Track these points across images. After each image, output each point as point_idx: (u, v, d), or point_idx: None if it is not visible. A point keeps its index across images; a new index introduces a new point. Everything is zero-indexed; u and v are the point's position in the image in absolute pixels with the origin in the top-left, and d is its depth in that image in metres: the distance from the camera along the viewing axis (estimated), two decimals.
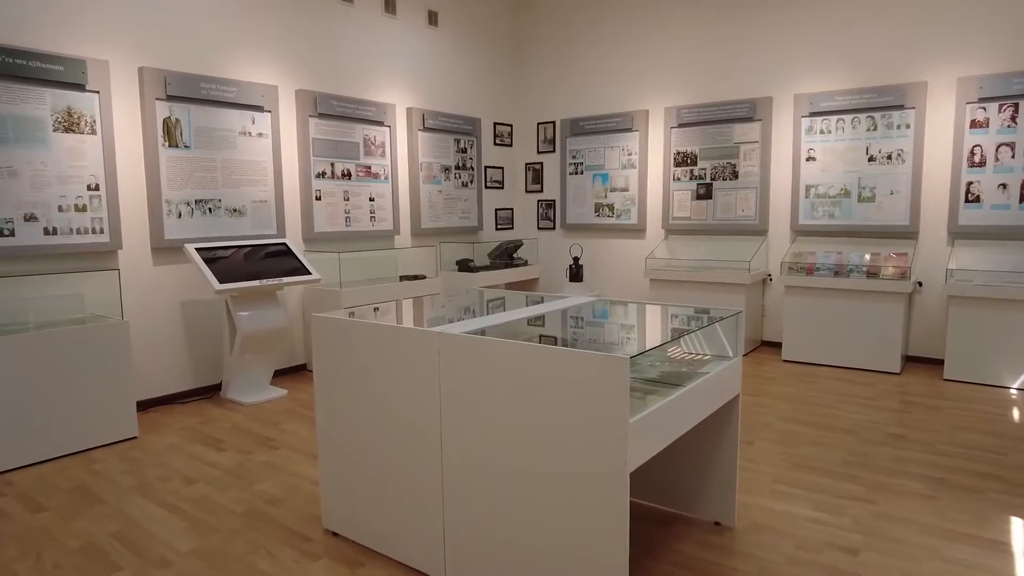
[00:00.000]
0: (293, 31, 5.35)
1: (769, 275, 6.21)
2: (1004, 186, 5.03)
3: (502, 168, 7.53)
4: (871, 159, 5.58)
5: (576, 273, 7.01)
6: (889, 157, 5.50)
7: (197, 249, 4.55)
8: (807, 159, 5.87)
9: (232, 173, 4.97)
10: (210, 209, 4.86)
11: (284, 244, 5.04)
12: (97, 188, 4.26)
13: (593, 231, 7.26)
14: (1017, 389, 4.72)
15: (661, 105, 6.69)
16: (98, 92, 4.20)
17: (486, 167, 7.29)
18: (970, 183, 5.16)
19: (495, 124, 7.37)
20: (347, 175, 5.77)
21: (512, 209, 7.74)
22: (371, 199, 5.98)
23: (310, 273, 4.90)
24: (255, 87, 5.04)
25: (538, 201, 7.63)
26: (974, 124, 5.11)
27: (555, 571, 2.04)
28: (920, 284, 5.47)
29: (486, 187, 7.31)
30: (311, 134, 5.48)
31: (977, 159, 5.12)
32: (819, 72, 5.80)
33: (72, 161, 4.12)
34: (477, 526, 2.23)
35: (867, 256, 5.51)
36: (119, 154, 4.37)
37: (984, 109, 5.06)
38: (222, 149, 4.90)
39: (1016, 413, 4.20)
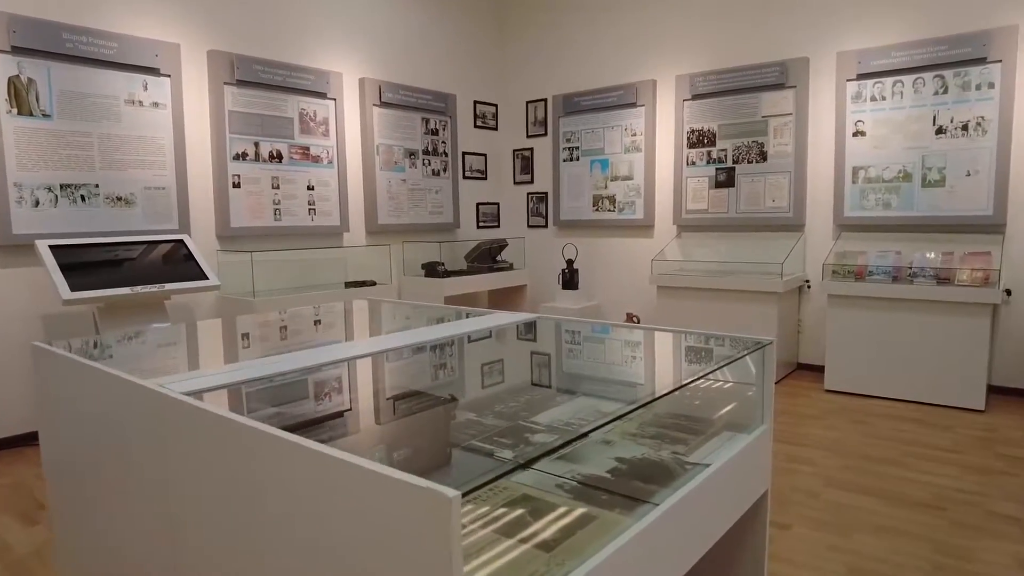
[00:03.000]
0: None
1: (807, 281, 4.97)
2: None
3: (484, 155, 6.39)
4: (940, 131, 4.32)
5: (570, 279, 5.84)
6: (965, 128, 4.24)
7: (56, 247, 3.49)
8: (854, 134, 4.63)
9: (115, 152, 3.90)
10: (83, 197, 3.80)
11: (181, 241, 3.96)
12: None
13: (591, 229, 6.08)
14: None
15: (671, 73, 5.49)
16: None
17: (464, 153, 6.15)
18: None
19: (476, 103, 6.24)
20: (277, 157, 4.68)
21: (498, 204, 6.60)
22: (310, 187, 4.88)
23: (207, 278, 3.81)
24: (146, 44, 3.98)
25: (528, 194, 6.47)
26: None
27: None
28: (1009, 293, 4.19)
29: (464, 177, 6.17)
30: (227, 106, 4.40)
31: None
32: (869, 22, 4.57)
33: None
34: None
35: (935, 256, 4.26)
36: None
37: None
38: (100, 120, 3.84)
39: None
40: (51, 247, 3.47)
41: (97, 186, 3.85)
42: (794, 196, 4.93)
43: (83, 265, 3.50)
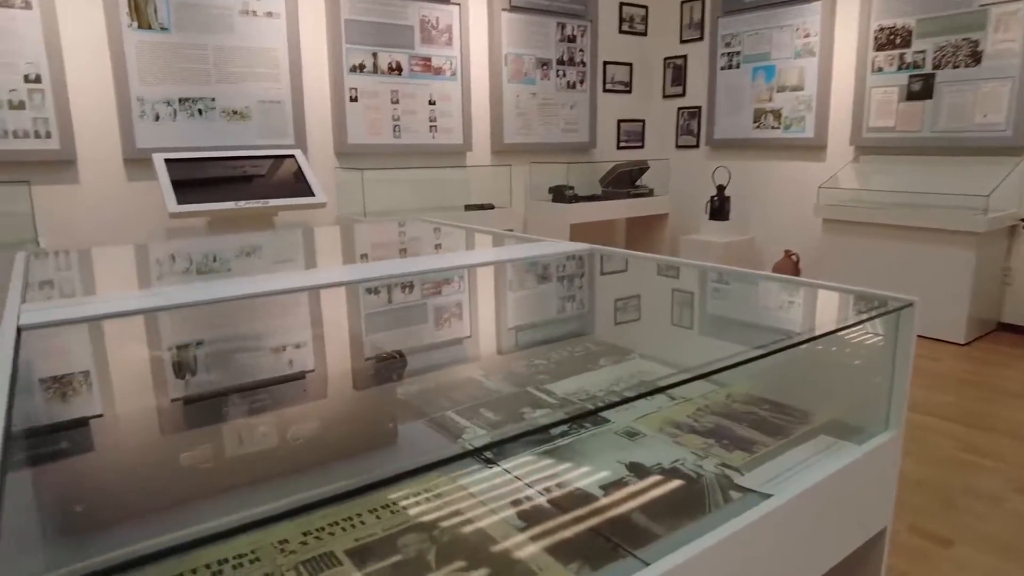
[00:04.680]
0: None
1: (1021, 220, 3.92)
2: None
3: (630, 65, 5.71)
4: None
5: (719, 208, 5.15)
6: None
7: (172, 160, 3.53)
8: None
9: (229, 64, 3.85)
10: (200, 111, 3.80)
11: (292, 156, 3.87)
12: (38, 80, 3.35)
13: (750, 149, 5.27)
14: None
15: None
16: None
17: (605, 63, 5.53)
18: None
19: (622, 4, 5.54)
20: (396, 69, 4.42)
21: (643, 121, 5.93)
22: (431, 102, 4.59)
23: (314, 195, 3.70)
24: None
25: (678, 109, 5.74)
26: None
27: None
28: None
29: (604, 90, 5.57)
30: (343, 14, 4.18)
31: None
32: None
33: None
34: None
35: None
36: (66, 35, 3.40)
37: None
38: (215, 32, 3.78)
39: None
40: (166, 160, 3.51)
41: (213, 100, 3.83)
42: (1016, 109, 3.83)
43: (195, 179, 3.52)
